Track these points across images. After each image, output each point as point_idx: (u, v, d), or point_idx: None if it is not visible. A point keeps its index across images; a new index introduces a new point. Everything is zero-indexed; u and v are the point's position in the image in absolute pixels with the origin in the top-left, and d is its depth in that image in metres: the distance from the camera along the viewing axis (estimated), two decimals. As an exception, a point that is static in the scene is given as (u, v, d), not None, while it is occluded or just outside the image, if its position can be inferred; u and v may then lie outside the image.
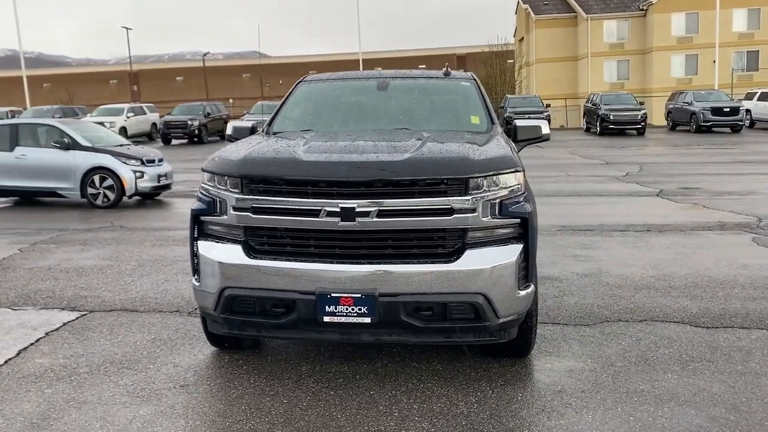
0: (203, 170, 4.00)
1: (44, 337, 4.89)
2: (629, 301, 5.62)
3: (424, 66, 75.95)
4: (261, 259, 3.73)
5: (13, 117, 29.72)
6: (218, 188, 3.85)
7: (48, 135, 12.14)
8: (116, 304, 5.70)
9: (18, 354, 4.54)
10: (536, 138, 5.10)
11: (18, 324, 5.20)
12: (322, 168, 3.65)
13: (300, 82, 5.65)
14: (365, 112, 5.18)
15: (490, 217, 3.68)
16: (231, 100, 45.89)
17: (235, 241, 3.82)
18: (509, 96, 32.69)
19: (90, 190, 11.70)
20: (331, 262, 3.64)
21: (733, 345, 4.56)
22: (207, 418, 3.56)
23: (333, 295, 3.57)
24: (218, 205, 3.83)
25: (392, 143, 4.00)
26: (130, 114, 31.88)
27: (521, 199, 3.82)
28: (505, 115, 29.42)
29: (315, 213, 3.61)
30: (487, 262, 3.64)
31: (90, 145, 11.91)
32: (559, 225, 9.17)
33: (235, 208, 3.76)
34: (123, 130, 29.37)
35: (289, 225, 3.68)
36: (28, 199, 12.77)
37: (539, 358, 4.37)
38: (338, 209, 3.57)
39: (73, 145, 11.79)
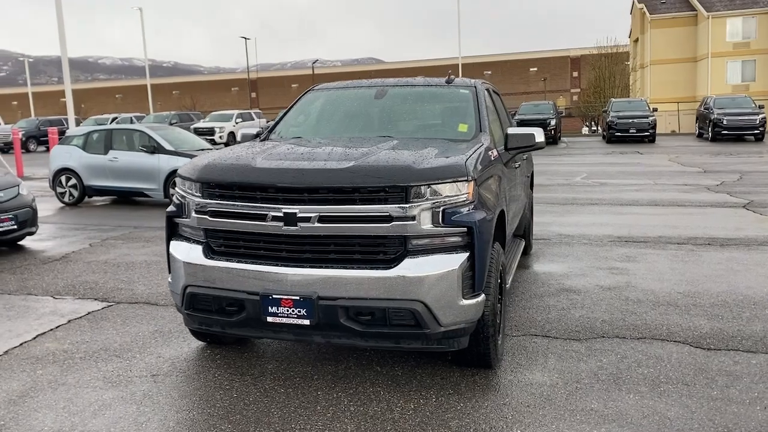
0: (177, 175, 4.29)
1: (65, 324, 5.39)
2: (639, 317, 5.37)
3: (536, 69, 74.42)
4: (217, 259, 3.96)
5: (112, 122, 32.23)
6: (185, 192, 4.12)
7: (137, 139, 13.15)
8: (143, 297, 6.16)
9: (34, 338, 5.05)
10: (529, 146, 5.01)
11: (50, 311, 5.76)
12: (269, 174, 3.83)
13: (308, 90, 5.86)
14: (358, 119, 5.30)
15: (431, 226, 3.70)
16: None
17: (198, 242, 4.08)
18: (614, 100, 31.35)
19: (171, 191, 12.55)
20: (276, 265, 3.80)
21: (724, 369, 4.27)
22: (157, 406, 3.83)
23: (275, 296, 3.74)
24: (185, 208, 4.11)
25: (351, 151, 4.10)
26: (238, 120, 33.61)
27: (468, 208, 3.80)
28: (608, 119, 28.34)
29: (262, 217, 3.79)
30: (426, 270, 3.66)
31: (173, 149, 12.78)
32: (616, 236, 8.82)
33: (196, 211, 4.02)
34: (231, 135, 31.04)
35: (241, 228, 3.89)
36: (123, 198, 13.88)
37: (507, 370, 4.30)
38: (282, 214, 3.73)
39: (158, 149, 12.69)
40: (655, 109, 29.44)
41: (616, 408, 3.72)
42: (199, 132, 28.84)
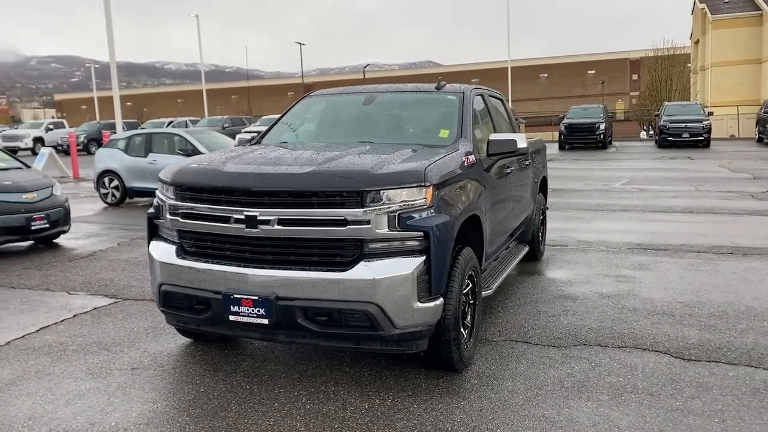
0: (158, 178, 4.50)
1: (70, 318, 5.70)
2: (628, 326, 5.29)
3: (593, 72, 72.88)
4: (188, 259, 4.15)
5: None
6: (163, 194, 4.33)
7: (176, 143, 13.63)
8: (149, 294, 6.43)
9: (37, 330, 5.36)
10: (510, 152, 5.01)
11: (61, 306, 6.09)
12: (233, 178, 3.99)
13: (304, 96, 6.01)
14: (344, 125, 5.41)
15: (387, 230, 3.78)
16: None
17: (173, 243, 4.28)
18: (667, 103, 30.43)
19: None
20: (239, 266, 3.95)
21: (696, 380, 4.18)
22: (127, 397, 4.03)
23: (236, 296, 3.89)
24: (162, 210, 4.31)
25: (318, 156, 4.22)
26: (288, 123, 34.17)
27: (426, 213, 3.86)
28: (660, 123, 27.58)
29: (226, 219, 3.95)
30: (381, 273, 3.74)
31: (208, 152, 13.19)
32: (636, 243, 8.65)
33: (170, 213, 4.22)
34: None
35: (208, 230, 4.06)
36: (163, 200, 14.38)
37: (474, 374, 4.33)
38: (243, 216, 3.88)
39: (194, 152, 13.12)
40: (711, 113, 28.47)
41: (569, 415, 3.70)
42: (248, 135, 29.48)
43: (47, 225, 8.70)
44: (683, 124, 26.61)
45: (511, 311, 5.74)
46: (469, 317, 4.53)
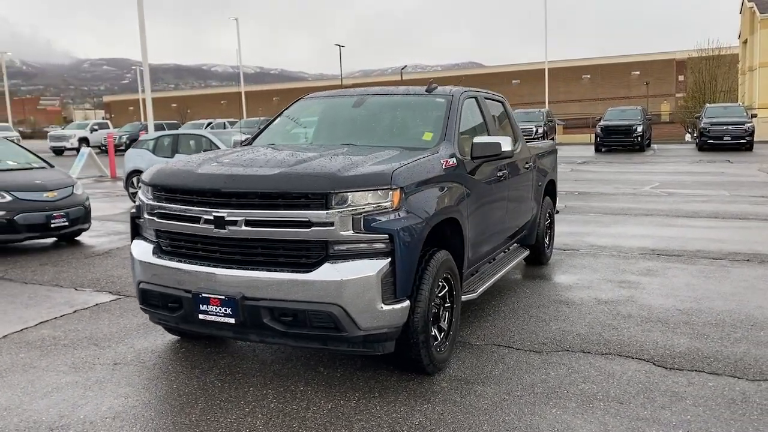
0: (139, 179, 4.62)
1: (70, 313, 5.88)
2: (618, 332, 5.19)
3: (638, 72, 71.39)
4: (163, 258, 4.24)
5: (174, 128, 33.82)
6: (142, 194, 4.44)
7: (202, 144, 13.90)
8: (151, 292, 6.58)
9: (36, 325, 5.55)
10: (494, 155, 4.98)
11: (64, 301, 6.29)
12: (204, 179, 4.07)
13: (299, 99, 6.08)
14: (332, 128, 5.46)
15: (352, 232, 3.80)
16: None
17: (151, 242, 4.39)
18: (708, 105, 29.59)
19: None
20: (209, 266, 4.03)
21: (672, 389, 4.08)
22: (101, 391, 4.14)
23: (204, 295, 3.96)
24: (142, 210, 4.43)
25: (291, 158, 4.28)
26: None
27: (391, 215, 3.87)
28: (700, 126, 26.88)
29: (197, 220, 4.03)
30: (344, 275, 3.76)
31: (231, 153, 13.41)
32: (651, 248, 8.47)
33: (147, 213, 4.33)
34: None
35: (181, 230, 4.15)
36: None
37: (446, 377, 4.31)
38: (212, 217, 3.96)
39: (218, 153, 13.36)
40: (754, 115, 27.60)
41: (530, 422, 3.66)
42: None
43: (66, 223, 8.98)
44: (724, 127, 25.87)
45: (501, 315, 5.69)
46: (445, 320, 4.52)
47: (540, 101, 63.89)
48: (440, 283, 4.38)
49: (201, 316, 4.00)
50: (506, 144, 4.99)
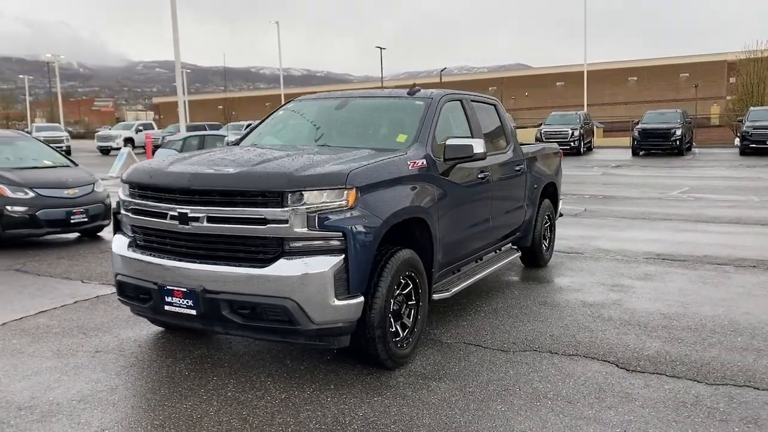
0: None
1: (71, 304, 6.19)
2: (592, 335, 5.21)
3: (687, 75, 69.59)
4: (136, 252, 4.48)
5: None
6: (122, 191, 4.69)
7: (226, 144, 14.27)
8: (152, 286, 6.86)
9: (35, 314, 5.86)
10: (467, 157, 5.06)
11: (69, 293, 6.62)
12: (171, 177, 4.28)
13: (290, 100, 6.27)
14: (313, 129, 5.62)
15: (306, 229, 3.95)
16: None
17: (128, 237, 4.63)
18: (753, 108, 28.72)
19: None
20: (174, 260, 4.24)
21: (625, 391, 4.11)
22: (76, 376, 4.38)
23: (168, 287, 4.18)
24: (120, 206, 4.68)
25: (257, 157, 4.46)
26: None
27: (346, 214, 4.00)
28: (743, 129, 26.15)
29: (164, 216, 4.25)
30: (298, 270, 3.92)
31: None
32: (656, 253, 8.38)
33: (124, 209, 4.57)
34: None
35: (151, 225, 4.37)
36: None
37: (405, 372, 4.42)
38: (177, 213, 4.16)
39: (241, 154, 13.71)
40: (801, 119, 26.65)
41: (471, 417, 3.74)
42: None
43: (86, 219, 9.38)
44: (762, 130, 25.10)
45: (481, 315, 5.76)
46: (411, 318, 4.63)
47: (587, 103, 62.99)
48: (402, 281, 4.49)
49: (166, 307, 4.21)
50: (478, 146, 5.06)
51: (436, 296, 5.16)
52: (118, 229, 4.83)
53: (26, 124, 66.43)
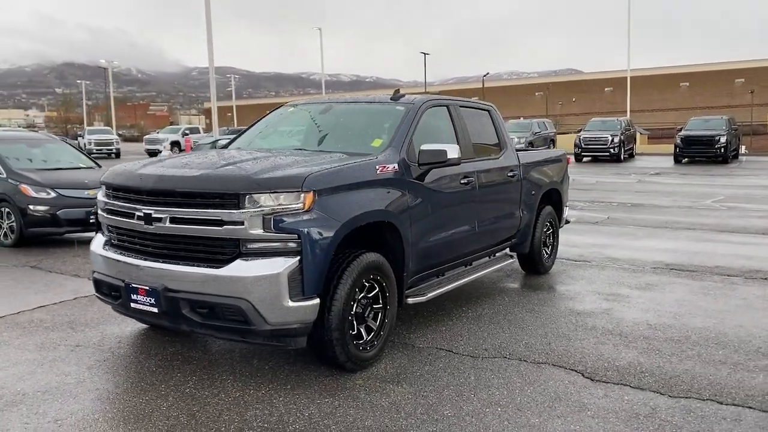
0: None
1: (70, 300, 6.43)
2: (568, 343, 5.14)
3: (742, 80, 67.34)
4: (109, 250, 4.64)
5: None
6: (100, 192, 4.87)
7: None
8: (152, 284, 7.07)
9: (33, 309, 6.12)
10: (440, 162, 5.07)
11: (71, 290, 6.87)
12: (138, 179, 4.43)
13: (282, 105, 6.39)
14: (295, 134, 5.73)
15: (262, 231, 4.03)
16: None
17: (105, 236, 4.80)
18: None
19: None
20: (141, 259, 4.38)
21: (582, 400, 4.05)
22: (50, 368, 4.56)
23: (133, 285, 4.32)
24: (98, 206, 4.86)
25: (222, 160, 4.58)
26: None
27: (302, 217, 4.07)
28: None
29: (132, 216, 4.40)
30: (252, 271, 4.00)
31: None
32: (666, 263, 8.19)
33: (100, 209, 4.75)
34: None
35: (121, 224, 4.53)
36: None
37: (365, 375, 4.44)
38: (142, 214, 4.31)
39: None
40: None
41: (414, 421, 3.75)
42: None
43: (105, 219, 9.70)
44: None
45: (463, 320, 5.74)
46: (377, 321, 4.66)
47: (635, 109, 61.50)
48: (367, 284, 4.53)
49: (132, 305, 4.36)
50: (452, 151, 5.06)
51: (410, 300, 5.18)
52: (99, 228, 5.01)
53: (82, 128, 68.87)
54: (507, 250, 7.22)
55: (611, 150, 28.39)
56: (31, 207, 9.25)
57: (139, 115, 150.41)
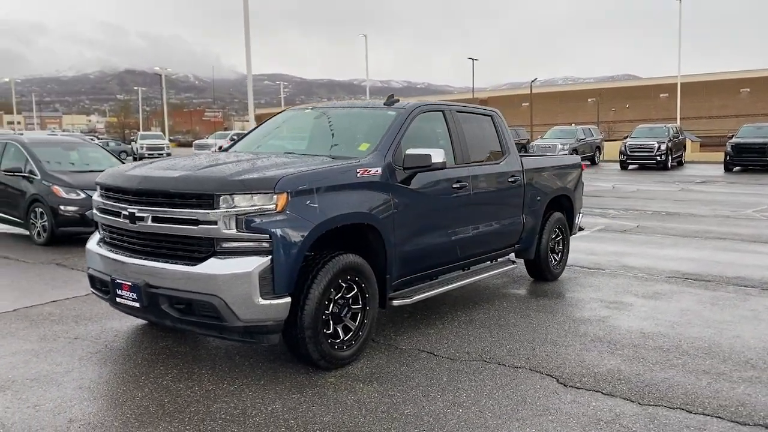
0: None
1: (82, 296, 6.72)
2: (552, 350, 5.12)
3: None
4: (102, 248, 4.87)
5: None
6: (96, 193, 5.11)
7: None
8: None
9: (46, 303, 6.43)
10: (425, 166, 5.12)
11: (86, 286, 7.15)
12: (127, 180, 4.64)
13: (284, 110, 6.55)
14: (286, 138, 5.90)
15: (235, 231, 4.18)
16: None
17: (100, 234, 5.04)
18: None
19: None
20: (126, 255, 4.59)
21: (546, 405, 4.04)
22: (43, 359, 4.80)
23: (118, 281, 4.53)
24: (93, 206, 5.11)
25: (205, 162, 4.76)
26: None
27: (275, 217, 4.20)
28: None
29: (119, 214, 4.62)
30: (224, 269, 4.15)
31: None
32: (683, 272, 8.02)
33: (95, 208, 4.99)
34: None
35: (111, 223, 4.75)
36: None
37: (342, 373, 4.53)
38: (127, 213, 4.52)
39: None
40: None
41: (373, 418, 3.82)
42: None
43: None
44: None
45: (454, 324, 5.77)
46: (357, 321, 4.75)
47: (692, 116, 59.72)
48: (344, 285, 4.62)
49: (118, 299, 4.57)
50: (437, 156, 5.11)
51: (396, 302, 5.25)
52: (96, 227, 5.26)
53: (136, 133, 71.21)
54: (512, 255, 7.21)
55: (658, 158, 27.71)
56: (62, 207, 9.69)
57: (195, 120, 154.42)
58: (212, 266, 4.18)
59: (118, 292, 4.55)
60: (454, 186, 5.72)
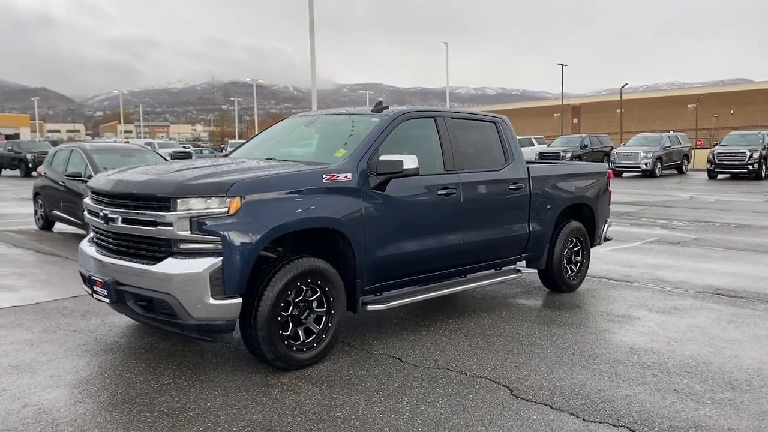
0: None
1: (82, 296, 7.11)
2: (525, 360, 4.99)
3: None
4: (90, 247, 5.20)
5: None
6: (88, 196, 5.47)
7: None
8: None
9: (67, 298, 6.89)
10: (397, 172, 5.13)
11: (112, 284, 7.63)
12: (105, 183, 4.94)
13: (288, 116, 6.74)
14: (276, 144, 6.04)
15: (189, 232, 4.37)
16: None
17: (90, 234, 5.39)
18: None
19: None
20: (104, 255, 4.88)
21: (485, 414, 3.96)
22: (38, 348, 5.16)
23: (93, 278, 4.83)
24: (84, 208, 5.47)
25: (182, 166, 4.99)
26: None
27: (228, 221, 4.35)
28: None
29: (98, 215, 4.92)
30: (178, 269, 4.35)
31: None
32: (717, 287, 7.57)
33: (85, 210, 5.34)
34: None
35: (93, 223, 5.07)
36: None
37: (298, 375, 4.60)
38: (102, 214, 4.81)
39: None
40: None
41: (317, 417, 3.88)
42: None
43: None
44: None
45: (438, 333, 5.72)
46: (321, 325, 4.83)
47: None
48: (305, 288, 4.71)
49: (95, 295, 4.87)
50: (409, 162, 5.11)
51: (370, 307, 5.28)
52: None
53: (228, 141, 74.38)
54: (523, 263, 7.06)
55: (749, 166, 26.04)
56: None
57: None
58: (169, 266, 4.38)
59: (95, 288, 4.85)
60: (440, 193, 5.68)
